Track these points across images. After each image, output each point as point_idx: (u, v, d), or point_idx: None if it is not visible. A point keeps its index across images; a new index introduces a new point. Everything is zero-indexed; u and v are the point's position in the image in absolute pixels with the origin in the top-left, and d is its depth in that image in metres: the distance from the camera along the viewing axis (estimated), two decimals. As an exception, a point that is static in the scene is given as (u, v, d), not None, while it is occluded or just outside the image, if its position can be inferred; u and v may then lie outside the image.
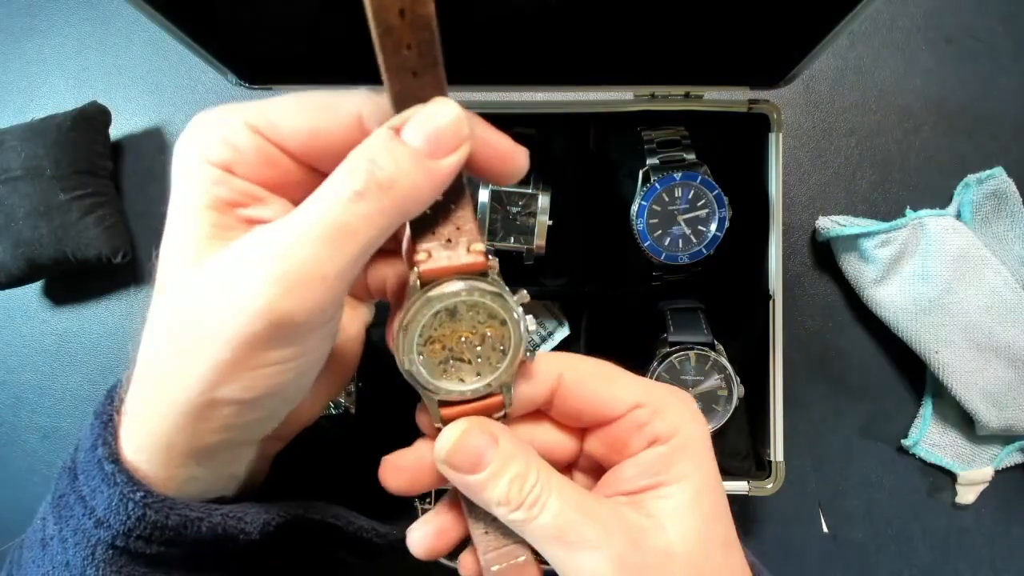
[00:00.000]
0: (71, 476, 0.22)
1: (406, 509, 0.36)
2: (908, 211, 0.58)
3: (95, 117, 0.58)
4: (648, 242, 0.50)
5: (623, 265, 0.54)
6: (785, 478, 0.51)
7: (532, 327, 0.24)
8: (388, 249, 0.24)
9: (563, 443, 0.27)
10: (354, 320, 0.28)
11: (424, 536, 0.26)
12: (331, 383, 0.27)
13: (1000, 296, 0.56)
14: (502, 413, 0.25)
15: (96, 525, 0.21)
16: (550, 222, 0.48)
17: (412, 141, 0.20)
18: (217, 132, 0.21)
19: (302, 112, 0.21)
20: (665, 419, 0.24)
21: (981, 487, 0.59)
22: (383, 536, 0.29)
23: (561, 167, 0.52)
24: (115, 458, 0.21)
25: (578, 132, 0.53)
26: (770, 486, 0.51)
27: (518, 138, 0.22)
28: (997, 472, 0.59)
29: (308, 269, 0.19)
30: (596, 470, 0.27)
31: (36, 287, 0.61)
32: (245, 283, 0.19)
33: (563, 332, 0.57)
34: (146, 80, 0.62)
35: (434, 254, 0.22)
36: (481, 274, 0.22)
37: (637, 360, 0.52)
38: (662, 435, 0.24)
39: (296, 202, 0.20)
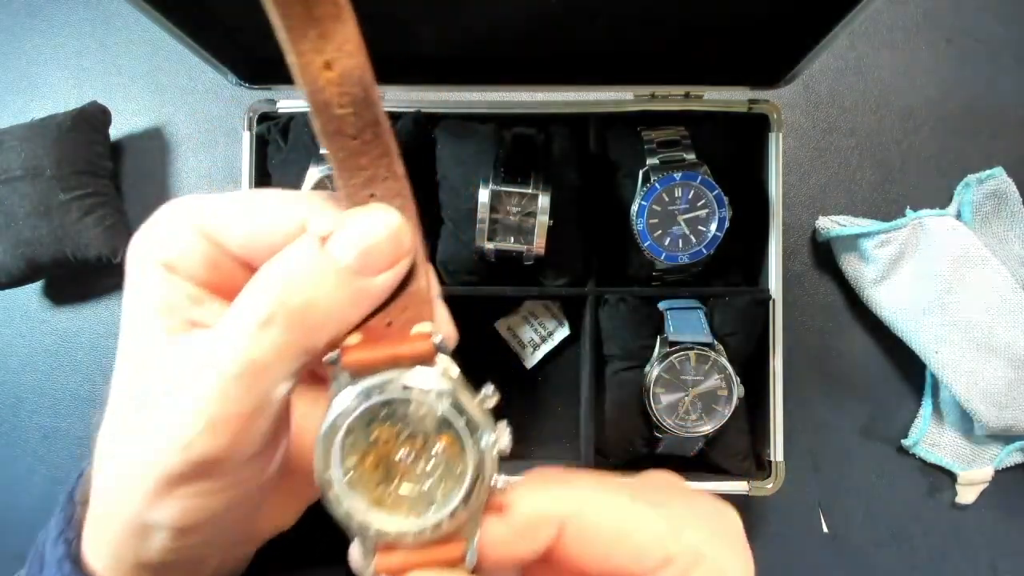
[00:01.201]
0: (40, 563, 0.22)
1: None
2: (908, 211, 0.58)
3: (95, 117, 0.58)
4: (648, 242, 0.50)
5: (623, 265, 0.54)
6: (785, 478, 0.51)
7: (505, 442, 0.18)
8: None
9: None
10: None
11: None
12: (308, 486, 0.23)
13: (1000, 296, 0.56)
14: (467, 568, 0.18)
15: None
16: (550, 222, 0.48)
17: (340, 256, 0.18)
18: (166, 233, 0.20)
19: (247, 215, 0.20)
20: (704, 569, 0.19)
21: (981, 487, 0.59)
22: None
23: (561, 167, 0.52)
24: (74, 558, 0.21)
25: (578, 132, 0.53)
26: (770, 486, 0.51)
27: (518, 138, 0.22)
28: (997, 472, 0.59)
29: (220, 409, 0.18)
30: None
31: (36, 287, 0.61)
32: (163, 420, 0.18)
33: (563, 332, 0.57)
34: (146, 80, 0.62)
35: (367, 337, 0.18)
36: (428, 366, 0.18)
37: (637, 360, 0.52)
38: None
39: None
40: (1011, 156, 0.60)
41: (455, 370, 0.18)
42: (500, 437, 0.18)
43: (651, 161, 0.50)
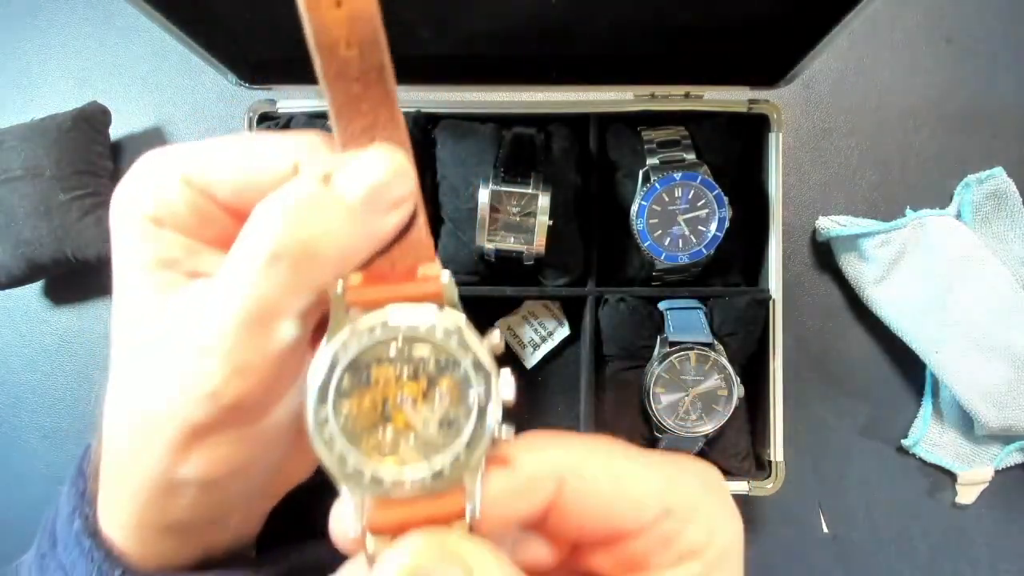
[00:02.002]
0: (51, 542, 0.22)
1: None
2: (908, 211, 0.58)
3: (95, 117, 0.58)
4: (648, 242, 0.50)
5: (623, 265, 0.54)
6: (785, 478, 0.51)
7: (509, 391, 0.17)
8: None
9: (545, 556, 0.20)
10: None
11: None
12: None
13: (1000, 296, 0.56)
14: (466, 523, 0.17)
15: None
16: (550, 222, 0.48)
17: (346, 193, 0.17)
18: (150, 186, 0.19)
19: (235, 161, 0.19)
20: (699, 525, 0.18)
21: (981, 487, 0.59)
22: None
23: (561, 167, 0.52)
24: (92, 532, 0.21)
25: (578, 132, 0.53)
26: (770, 486, 0.51)
27: (518, 138, 0.21)
28: (997, 472, 0.59)
29: (242, 352, 0.17)
30: (581, 573, 0.20)
31: (36, 287, 0.61)
32: (185, 369, 0.18)
33: (563, 332, 0.57)
34: (146, 80, 0.62)
35: (369, 277, 0.18)
36: (435, 306, 0.17)
37: (637, 360, 0.52)
38: (696, 548, 0.18)
39: None
40: (1011, 156, 0.60)
41: (461, 312, 0.17)
42: (505, 384, 0.17)
43: (651, 161, 0.50)
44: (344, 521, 0.17)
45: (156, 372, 0.18)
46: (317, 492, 0.23)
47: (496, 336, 0.17)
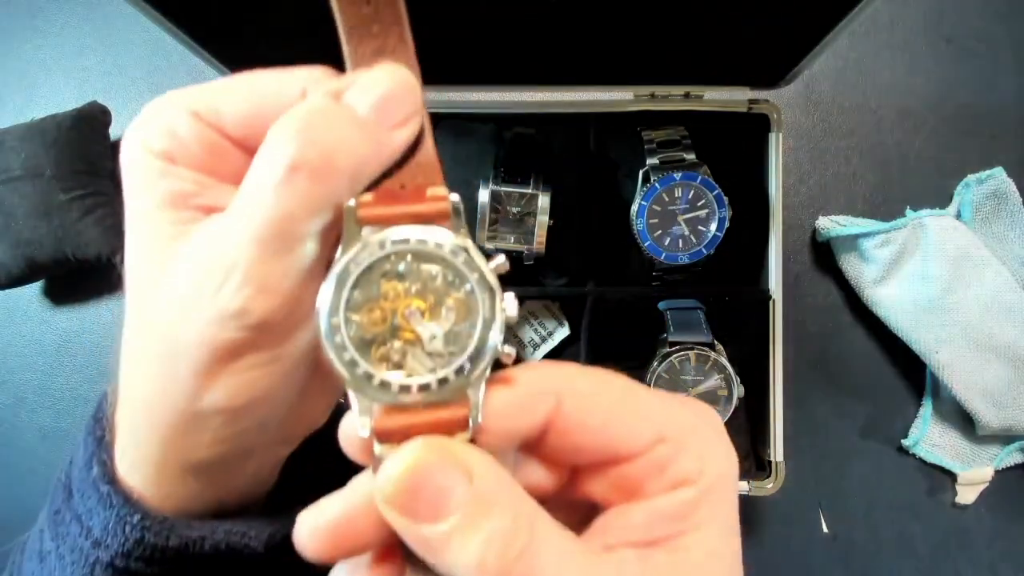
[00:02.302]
0: (66, 493, 0.22)
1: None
2: (908, 211, 0.58)
3: (95, 117, 0.58)
4: (648, 242, 0.50)
5: (623, 265, 0.54)
6: (785, 478, 0.51)
7: (512, 309, 0.18)
8: None
9: (544, 480, 0.20)
10: None
11: (319, 532, 0.18)
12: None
13: (1000, 296, 0.56)
14: (467, 433, 0.17)
15: (94, 546, 0.20)
16: (550, 222, 0.48)
17: (357, 107, 0.18)
18: (158, 121, 0.19)
19: (243, 94, 0.19)
20: (692, 454, 0.19)
21: (981, 487, 0.59)
22: None
23: (561, 167, 0.52)
24: (110, 478, 0.21)
25: (578, 132, 0.53)
26: (770, 486, 0.51)
27: (518, 138, 0.22)
28: (997, 472, 0.59)
29: (266, 270, 0.17)
30: (579, 502, 0.20)
31: (36, 287, 0.61)
32: (210, 290, 0.18)
33: (563, 332, 0.57)
34: (146, 80, 0.62)
35: (380, 196, 0.18)
36: (443, 225, 0.18)
37: (637, 360, 0.52)
38: (690, 475, 0.18)
39: None
40: (1011, 156, 0.60)
41: (468, 237, 0.18)
42: (509, 302, 0.18)
43: (651, 161, 0.50)
44: (353, 427, 0.17)
45: (180, 299, 0.18)
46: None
47: (501, 258, 0.18)
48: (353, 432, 0.17)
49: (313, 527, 0.18)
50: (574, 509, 0.20)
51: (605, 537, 0.19)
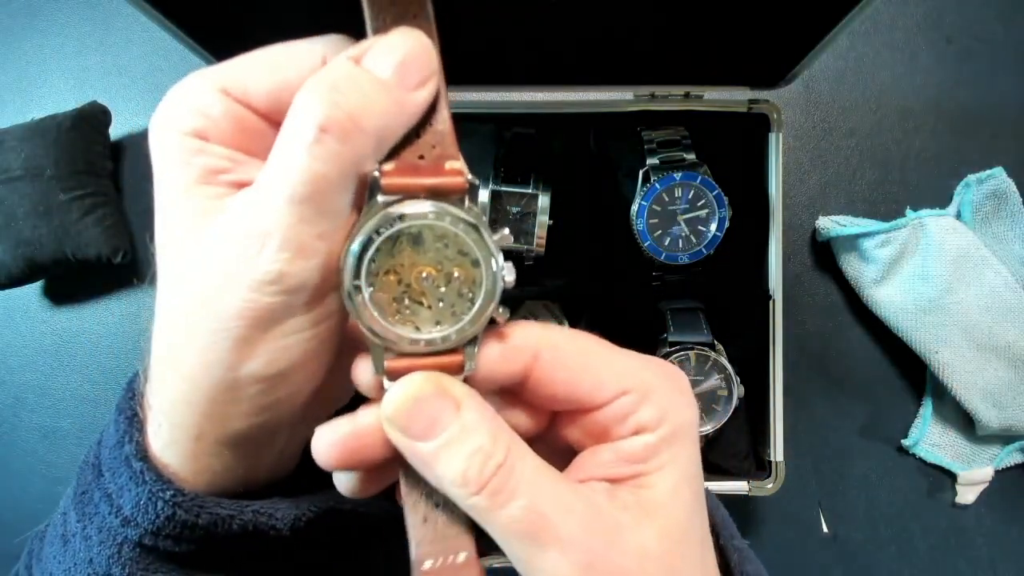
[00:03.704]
0: (95, 472, 0.22)
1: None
2: (908, 211, 0.58)
3: (95, 117, 0.58)
4: (648, 242, 0.50)
5: (623, 265, 0.54)
6: (785, 478, 0.51)
7: (510, 277, 0.20)
8: None
9: (526, 423, 0.23)
10: None
11: (332, 444, 0.20)
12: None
13: (1000, 296, 0.56)
14: (461, 377, 0.21)
15: (123, 524, 0.21)
16: (550, 222, 0.48)
17: (378, 69, 0.19)
18: (187, 101, 0.20)
19: (267, 67, 0.20)
20: (654, 404, 0.21)
21: (981, 487, 0.59)
22: None
23: (561, 167, 0.52)
24: (143, 455, 0.21)
25: (578, 132, 0.53)
26: (770, 486, 0.51)
27: (518, 138, 0.22)
28: (997, 472, 0.59)
29: (301, 232, 0.18)
30: (561, 448, 0.23)
31: (36, 287, 0.61)
32: (248, 257, 0.18)
33: (563, 332, 0.57)
34: (146, 80, 0.62)
35: (401, 167, 0.19)
36: (457, 200, 0.20)
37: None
38: (650, 423, 0.21)
39: None
40: (1011, 156, 0.60)
41: (479, 215, 0.20)
42: (508, 271, 0.20)
43: (651, 161, 0.50)
44: (368, 369, 0.20)
45: (218, 269, 0.19)
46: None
47: (506, 231, 0.21)
48: (368, 372, 0.20)
49: (329, 440, 0.20)
50: (559, 455, 0.23)
51: (579, 473, 0.22)
